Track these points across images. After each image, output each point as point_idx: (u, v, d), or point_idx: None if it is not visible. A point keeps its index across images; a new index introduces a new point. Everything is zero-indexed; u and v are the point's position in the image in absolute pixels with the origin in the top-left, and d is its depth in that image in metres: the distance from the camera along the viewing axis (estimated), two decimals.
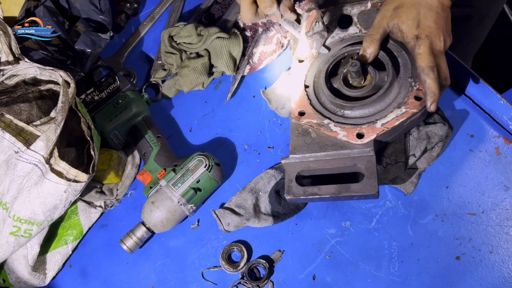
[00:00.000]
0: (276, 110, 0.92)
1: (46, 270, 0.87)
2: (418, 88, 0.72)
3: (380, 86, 0.75)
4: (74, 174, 0.73)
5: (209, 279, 0.81)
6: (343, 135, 0.73)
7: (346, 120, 0.75)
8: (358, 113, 0.75)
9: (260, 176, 0.85)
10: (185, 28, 0.98)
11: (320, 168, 0.74)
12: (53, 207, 0.75)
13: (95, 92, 0.94)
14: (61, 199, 0.74)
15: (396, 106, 0.73)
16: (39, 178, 0.73)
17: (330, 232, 0.79)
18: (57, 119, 0.73)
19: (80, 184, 0.74)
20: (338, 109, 0.77)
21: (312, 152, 0.75)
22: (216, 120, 0.96)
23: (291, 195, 0.73)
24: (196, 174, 0.82)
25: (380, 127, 0.72)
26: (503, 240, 0.72)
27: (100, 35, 1.00)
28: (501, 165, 0.78)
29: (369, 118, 0.74)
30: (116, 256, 0.87)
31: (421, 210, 0.77)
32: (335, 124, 0.75)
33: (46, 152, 0.72)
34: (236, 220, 0.81)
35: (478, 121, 0.82)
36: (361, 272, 0.75)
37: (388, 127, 0.71)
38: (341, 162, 0.73)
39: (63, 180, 0.73)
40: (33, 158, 0.73)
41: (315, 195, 0.72)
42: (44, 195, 0.73)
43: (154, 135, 0.90)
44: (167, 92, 1.00)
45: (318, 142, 0.75)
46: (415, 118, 0.72)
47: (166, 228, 0.83)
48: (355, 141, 0.72)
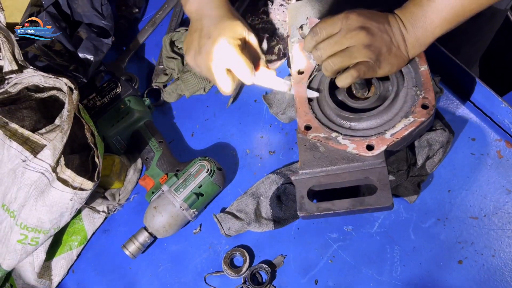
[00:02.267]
0: (276, 115, 0.92)
1: (52, 276, 0.88)
2: (424, 96, 0.72)
3: (385, 96, 0.75)
4: (79, 182, 0.74)
5: (211, 284, 0.81)
6: (353, 147, 0.72)
7: (354, 133, 0.74)
8: (366, 124, 0.74)
9: (262, 181, 0.85)
10: (186, 33, 0.98)
11: (331, 182, 0.73)
12: (59, 215, 0.76)
13: (97, 97, 0.95)
14: (67, 207, 0.75)
15: (404, 115, 0.72)
16: (46, 187, 0.73)
17: (333, 237, 0.79)
18: (63, 128, 0.74)
19: (86, 192, 0.75)
20: (344, 122, 0.75)
21: (322, 166, 0.73)
22: (217, 125, 0.96)
23: (304, 212, 0.71)
24: (198, 179, 0.82)
25: (390, 137, 0.71)
26: (505, 243, 0.72)
27: (102, 40, 1.01)
28: (503, 168, 0.78)
29: (378, 129, 0.73)
30: (118, 261, 0.88)
31: (423, 214, 0.77)
32: (344, 137, 0.74)
33: (53, 161, 0.73)
34: (237, 225, 0.82)
35: (480, 124, 0.82)
36: (363, 276, 0.75)
37: (398, 137, 0.71)
38: (352, 176, 0.72)
39: (69, 188, 0.73)
40: (40, 167, 0.73)
41: (329, 211, 0.70)
42: (50, 203, 0.74)
43: (156, 140, 0.90)
44: (168, 97, 1.01)
45: (327, 156, 0.74)
46: (423, 126, 0.72)
47: (168, 233, 0.83)
48: (365, 153, 0.71)
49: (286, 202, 0.82)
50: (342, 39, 0.68)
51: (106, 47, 1.01)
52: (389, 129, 0.72)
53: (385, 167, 0.70)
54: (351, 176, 0.72)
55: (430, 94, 0.72)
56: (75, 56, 1.00)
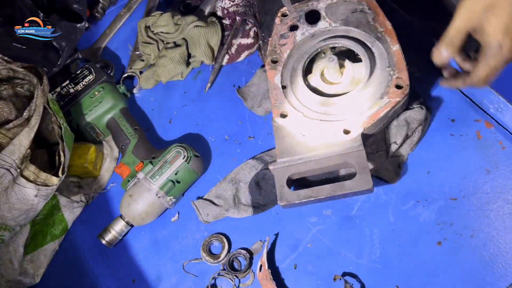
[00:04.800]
0: (252, 108, 0.90)
1: (36, 268, 0.86)
2: (398, 76, 0.71)
3: (359, 79, 0.74)
4: (43, 178, 0.72)
5: (190, 271, 0.80)
6: (329, 132, 0.71)
7: (330, 117, 0.73)
8: (341, 109, 0.72)
9: (241, 167, 0.84)
10: (162, 18, 0.96)
11: (310, 169, 0.72)
12: (24, 212, 0.74)
13: (70, 84, 0.92)
14: (32, 204, 0.73)
15: (379, 97, 0.71)
16: (10, 183, 0.71)
17: (311, 221, 0.78)
18: (30, 123, 0.72)
19: (51, 187, 0.73)
20: (319, 107, 0.74)
21: (299, 154, 0.72)
22: (196, 111, 0.94)
23: (285, 201, 0.70)
24: (174, 166, 0.81)
25: (366, 120, 0.70)
26: (484, 224, 0.72)
27: (75, 25, 0.98)
28: (482, 149, 0.77)
29: (353, 112, 0.72)
30: (96, 250, 0.86)
31: (402, 196, 0.76)
32: (319, 122, 0.73)
33: (18, 157, 0.71)
34: (215, 211, 0.80)
35: (459, 105, 0.81)
36: (342, 259, 0.74)
37: (374, 119, 0.70)
38: (331, 161, 0.71)
39: (33, 185, 0.71)
40: (5, 163, 0.71)
41: (309, 198, 0.69)
42: (14, 200, 0.72)
43: (131, 127, 0.88)
44: (145, 83, 0.98)
45: (304, 143, 0.73)
46: (398, 107, 0.71)
47: (146, 221, 0.82)
48: (342, 138, 0.70)
49: (265, 187, 0.81)
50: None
51: (80, 32, 0.98)
52: (364, 112, 0.71)
53: (363, 150, 0.69)
54: (329, 161, 0.71)
55: (403, 73, 0.71)
56: (47, 42, 0.97)
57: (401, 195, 0.77)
